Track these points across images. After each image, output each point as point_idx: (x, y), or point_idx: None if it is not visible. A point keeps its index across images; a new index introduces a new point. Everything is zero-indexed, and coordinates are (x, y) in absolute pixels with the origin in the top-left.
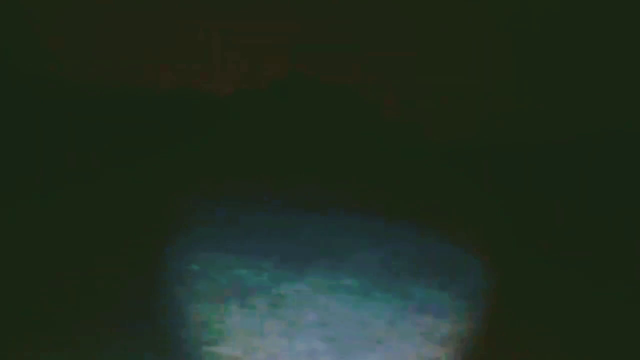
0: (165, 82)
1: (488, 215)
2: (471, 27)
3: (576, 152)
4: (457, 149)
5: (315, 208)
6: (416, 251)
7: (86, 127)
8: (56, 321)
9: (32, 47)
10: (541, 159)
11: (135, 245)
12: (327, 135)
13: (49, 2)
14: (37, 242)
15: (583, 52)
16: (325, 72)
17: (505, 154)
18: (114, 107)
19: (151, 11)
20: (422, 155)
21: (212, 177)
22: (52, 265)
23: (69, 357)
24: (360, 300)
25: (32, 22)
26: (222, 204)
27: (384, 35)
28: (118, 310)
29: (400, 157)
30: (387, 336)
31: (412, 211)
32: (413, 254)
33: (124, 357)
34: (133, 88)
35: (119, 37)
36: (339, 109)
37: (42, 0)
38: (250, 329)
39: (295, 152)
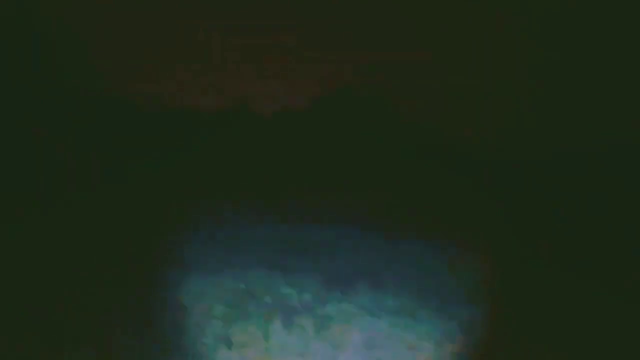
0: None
1: (527, 235)
2: (477, 29)
3: (578, 154)
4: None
5: (355, 225)
6: (460, 270)
7: (92, 134)
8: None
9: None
10: (550, 163)
11: (171, 260)
12: (362, 150)
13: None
14: (48, 250)
15: (589, 59)
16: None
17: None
18: (125, 117)
19: (161, 20)
20: (462, 172)
21: (255, 192)
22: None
23: None
24: (406, 321)
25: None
26: (263, 221)
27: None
28: (154, 329)
29: (437, 174)
30: (434, 358)
31: (455, 229)
32: (458, 272)
33: None
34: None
35: (126, 46)
36: (370, 121)
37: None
38: (295, 349)
39: (335, 168)
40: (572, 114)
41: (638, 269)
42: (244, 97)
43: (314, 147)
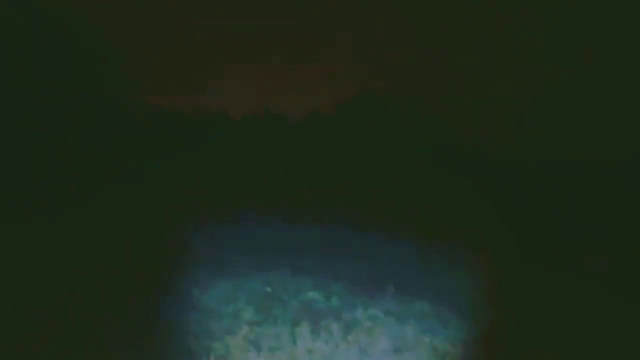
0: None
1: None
2: (484, 29)
3: (578, 156)
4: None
5: (383, 231)
6: (492, 276)
7: (99, 135)
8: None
9: None
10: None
11: (193, 263)
12: (386, 155)
13: None
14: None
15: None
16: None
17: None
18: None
19: (171, 20)
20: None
21: (280, 196)
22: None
23: None
24: (436, 327)
25: None
26: (289, 224)
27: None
28: (174, 333)
29: (465, 180)
30: None
31: (485, 234)
32: (492, 279)
33: None
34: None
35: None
36: (399, 126)
37: None
38: (322, 353)
39: (364, 175)
40: (573, 118)
41: (638, 270)
42: (260, 101)
43: (335, 151)
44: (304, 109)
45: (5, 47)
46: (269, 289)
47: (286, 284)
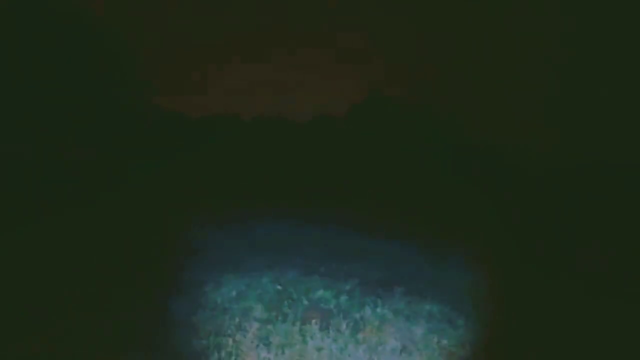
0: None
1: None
2: (489, 32)
3: (577, 159)
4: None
5: (391, 231)
6: (500, 279)
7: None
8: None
9: None
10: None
11: (206, 262)
12: (398, 160)
13: None
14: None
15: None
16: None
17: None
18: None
19: (186, 25)
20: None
21: (292, 198)
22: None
23: None
24: (443, 327)
25: None
26: (300, 225)
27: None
28: (187, 331)
29: (475, 183)
30: None
31: (495, 238)
32: (498, 281)
33: None
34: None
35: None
36: (411, 129)
37: None
38: (331, 352)
39: (369, 176)
40: (573, 120)
41: (637, 272)
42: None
43: (341, 152)
44: (311, 110)
45: (5, 46)
46: (279, 287)
47: (296, 283)
